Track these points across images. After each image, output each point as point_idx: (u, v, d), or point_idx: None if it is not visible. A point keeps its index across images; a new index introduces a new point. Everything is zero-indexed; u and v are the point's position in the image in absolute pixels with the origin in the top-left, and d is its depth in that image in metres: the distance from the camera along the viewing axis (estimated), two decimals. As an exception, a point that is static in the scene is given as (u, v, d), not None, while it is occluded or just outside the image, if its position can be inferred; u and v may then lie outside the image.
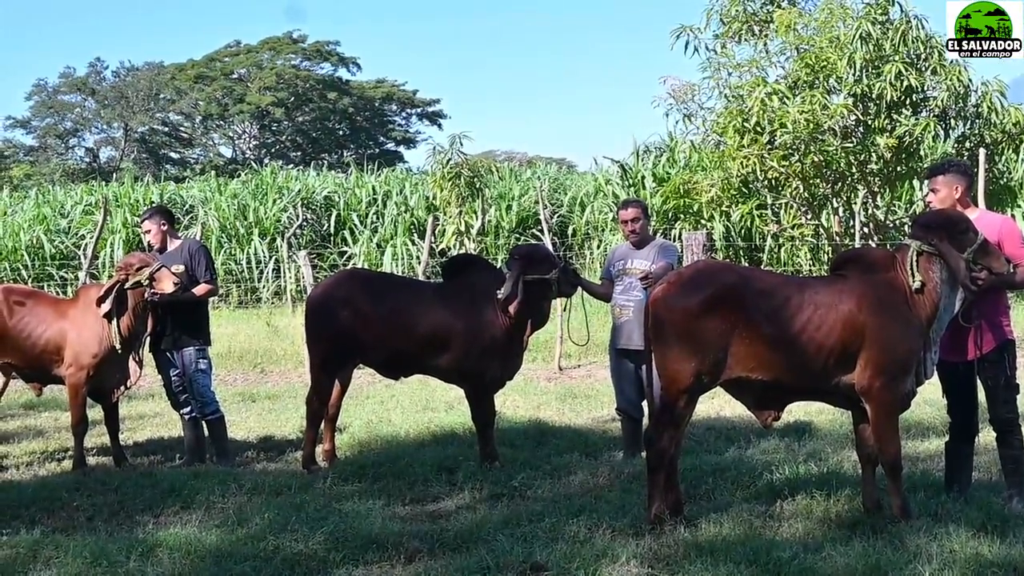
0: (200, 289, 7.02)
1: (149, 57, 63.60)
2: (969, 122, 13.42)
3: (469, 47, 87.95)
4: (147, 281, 6.57)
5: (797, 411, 7.51)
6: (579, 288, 6.85)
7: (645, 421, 6.16)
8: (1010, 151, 13.87)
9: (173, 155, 47.51)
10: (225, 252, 19.95)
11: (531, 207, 19.92)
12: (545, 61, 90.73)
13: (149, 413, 9.10)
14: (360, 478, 6.25)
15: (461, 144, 15.72)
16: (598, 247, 18.59)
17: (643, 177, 19.65)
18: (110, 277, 6.82)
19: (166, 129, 47.95)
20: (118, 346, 6.65)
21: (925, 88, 12.99)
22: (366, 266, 19.11)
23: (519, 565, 4.39)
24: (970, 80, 12.96)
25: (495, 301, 6.36)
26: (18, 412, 9.26)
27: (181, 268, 6.81)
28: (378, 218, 21.07)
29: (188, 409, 7.11)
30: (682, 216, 16.28)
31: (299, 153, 44.83)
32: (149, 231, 7.29)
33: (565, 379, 11.09)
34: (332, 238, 20.80)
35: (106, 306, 6.56)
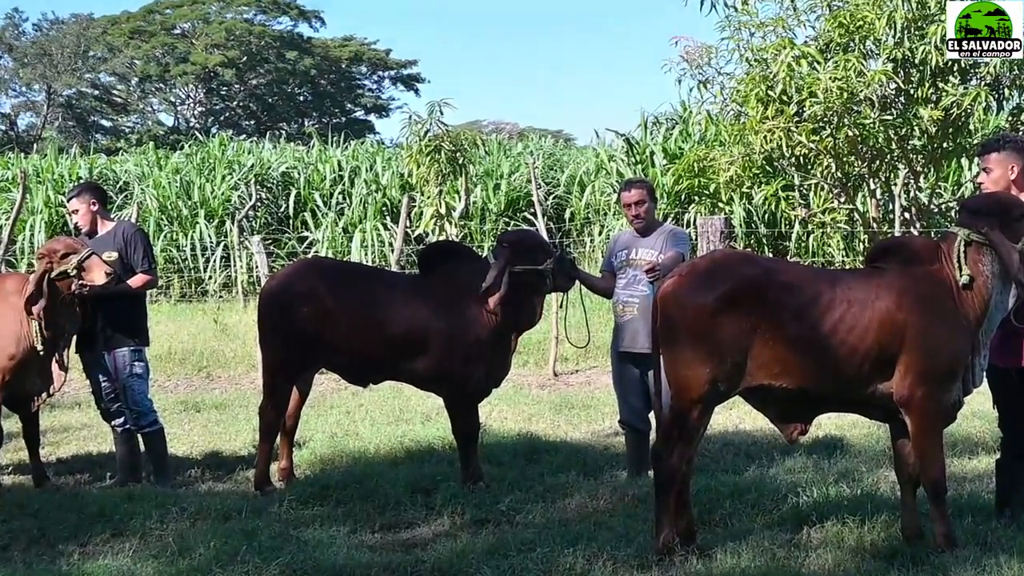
0: (136, 280, 6.96)
1: (76, 8, 63.44)
2: (1025, 92, 13.49)
3: (454, 5, 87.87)
4: (75, 271, 6.50)
5: (827, 424, 7.56)
6: (576, 282, 6.86)
7: (652, 435, 6.16)
8: (1072, 126, 13.94)
9: (104, 123, 47.39)
10: (166, 237, 19.86)
11: (523, 187, 19.90)
12: (540, 19, 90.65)
13: (75, 424, 9.05)
14: (322, 501, 6.23)
15: (441, 113, 15.72)
16: (599, 234, 18.57)
17: (652, 153, 19.67)
18: (31, 266, 6.77)
19: (96, 92, 47.75)
20: (39, 346, 6.59)
21: (975, 53, 13.05)
22: (330, 254, 19.06)
23: (506, 601, 4.41)
24: (1027, 44, 13.06)
25: (479, 296, 6.38)
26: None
27: (114, 256, 6.74)
28: (345, 198, 21.02)
29: (121, 420, 7.04)
30: (697, 198, 16.34)
31: (253, 122, 44.76)
32: (76, 211, 7.20)
33: (561, 386, 11.09)
34: (291, 221, 20.72)
35: (40, 303, 6.48)
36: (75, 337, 6.89)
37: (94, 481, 7.16)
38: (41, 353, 6.63)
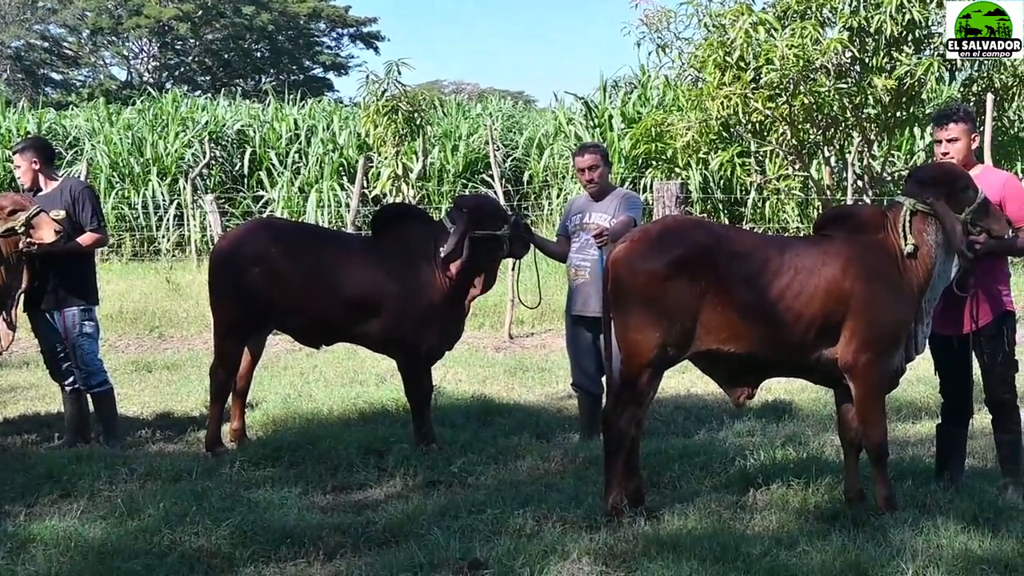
0: (86, 238, 6.90)
1: (26, -41, 62.00)
2: (977, 63, 13.62)
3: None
4: (22, 228, 6.45)
5: (775, 389, 7.66)
6: (532, 247, 6.88)
7: (604, 399, 6.21)
8: (1022, 98, 14.10)
9: (54, 76, 46.45)
10: (117, 194, 19.67)
11: (481, 148, 19.86)
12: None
13: (23, 384, 9.00)
14: (274, 462, 6.22)
15: (400, 73, 15.63)
16: (557, 197, 18.57)
17: (610, 116, 19.67)
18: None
19: (45, 44, 46.79)
20: None
21: (930, 23, 13.17)
22: (285, 214, 18.95)
23: (456, 562, 4.42)
24: (982, 15, 13.18)
25: (434, 259, 6.38)
26: None
27: (62, 214, 6.66)
28: (301, 158, 20.85)
29: (70, 380, 7.00)
30: (654, 163, 16.40)
31: (208, 78, 44.14)
32: (19, 167, 7.14)
33: (516, 349, 11.14)
34: (246, 180, 20.60)
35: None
36: (23, 296, 6.80)
37: (42, 441, 7.10)
38: (-12, 312, 6.58)
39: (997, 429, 5.44)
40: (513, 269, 7.50)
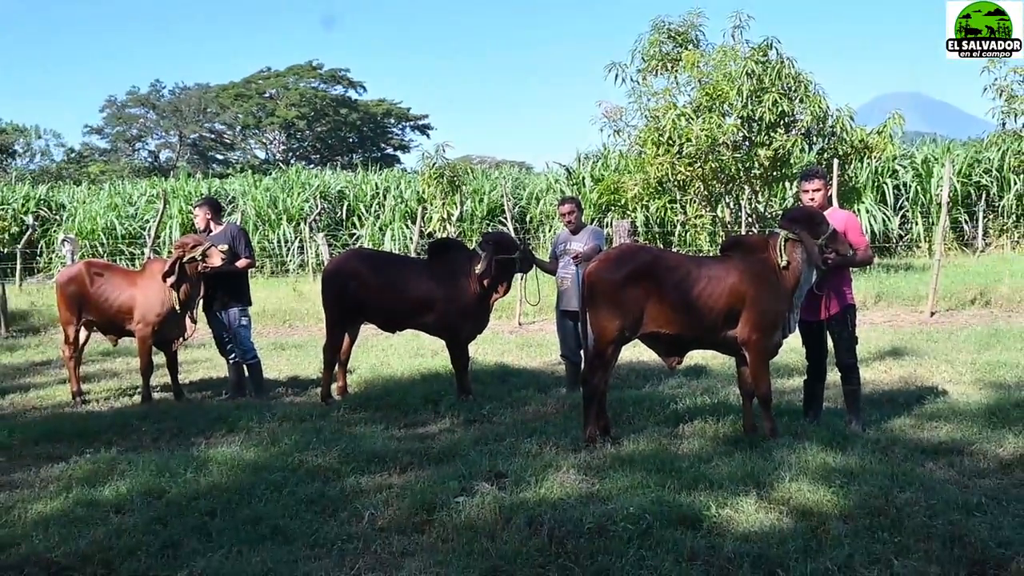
0: (241, 263, 6.95)
1: (199, 79, 62.47)
2: (827, 139, 13.66)
3: (453, 77, 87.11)
4: (200, 257, 6.52)
5: (695, 357, 7.64)
6: (534, 266, 6.83)
7: (583, 365, 6.20)
8: (856, 161, 14.21)
9: (218, 156, 46.68)
10: (260, 234, 19.78)
11: (498, 200, 19.89)
12: (511, 88, 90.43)
13: (201, 359, 9.06)
14: (365, 408, 6.24)
15: (444, 151, 15.71)
16: (549, 231, 18.62)
17: (583, 178, 19.69)
18: (170, 254, 6.72)
19: (212, 136, 47.10)
20: (177, 307, 6.60)
21: (795, 112, 13.23)
22: (370, 245, 19.03)
23: (486, 473, 4.43)
24: (828, 107, 13.29)
25: (470, 274, 6.36)
26: (98, 359, 9.16)
27: (226, 247, 6.71)
28: (379, 207, 20.91)
29: (232, 356, 7.05)
30: (612, 208, 16.40)
31: (318, 156, 44.29)
32: (198, 217, 7.18)
33: (523, 332, 11.11)
34: (343, 223, 20.66)
35: (171, 278, 6.50)
36: (201, 301, 6.85)
37: (214, 396, 7.16)
38: (178, 311, 6.63)
39: (844, 383, 5.40)
40: (522, 280, 7.43)
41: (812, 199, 5.32)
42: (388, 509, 3.95)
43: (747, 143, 13.51)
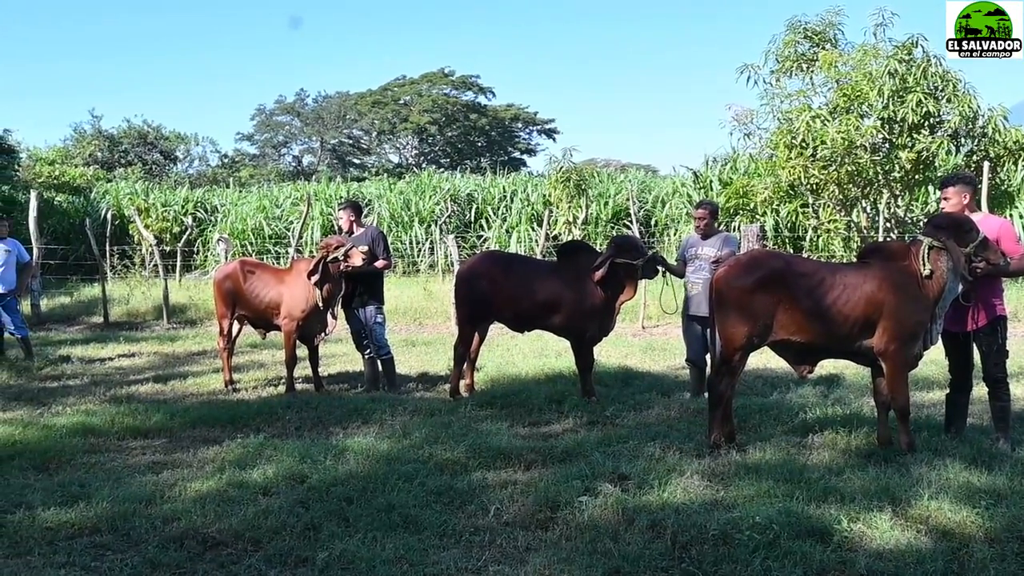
0: (380, 264, 7.12)
1: (339, 88, 65.17)
2: (976, 140, 12.80)
3: (580, 80, 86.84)
4: (342, 257, 6.73)
5: (827, 366, 7.34)
6: (660, 271, 6.71)
7: (708, 370, 6.09)
8: (1010, 164, 13.23)
9: (356, 161, 48.50)
10: (393, 235, 20.30)
11: (623, 203, 19.67)
12: (640, 90, 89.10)
13: (340, 353, 9.27)
14: (492, 406, 6.29)
15: (571, 155, 15.78)
16: (674, 235, 18.27)
17: (711, 181, 19.20)
18: (313, 254, 7.00)
19: (351, 141, 48.96)
20: (320, 304, 6.84)
21: (941, 113, 12.45)
22: (498, 247, 19.29)
23: (609, 475, 4.42)
24: (979, 106, 12.43)
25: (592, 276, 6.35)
26: (247, 350, 9.56)
27: (366, 248, 6.88)
28: (507, 210, 21.07)
29: (368, 351, 7.22)
30: (741, 212, 15.93)
31: (448, 160, 45.22)
32: (341, 219, 7.40)
33: (647, 335, 11.03)
34: (472, 225, 20.98)
35: (315, 277, 6.76)
36: (342, 299, 7.05)
37: (351, 389, 7.32)
38: (321, 308, 6.88)
39: (992, 398, 5.09)
40: (662, 284, 7.13)
41: (946, 207, 5.09)
42: (513, 505, 4.00)
43: (887, 145, 12.83)
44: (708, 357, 5.88)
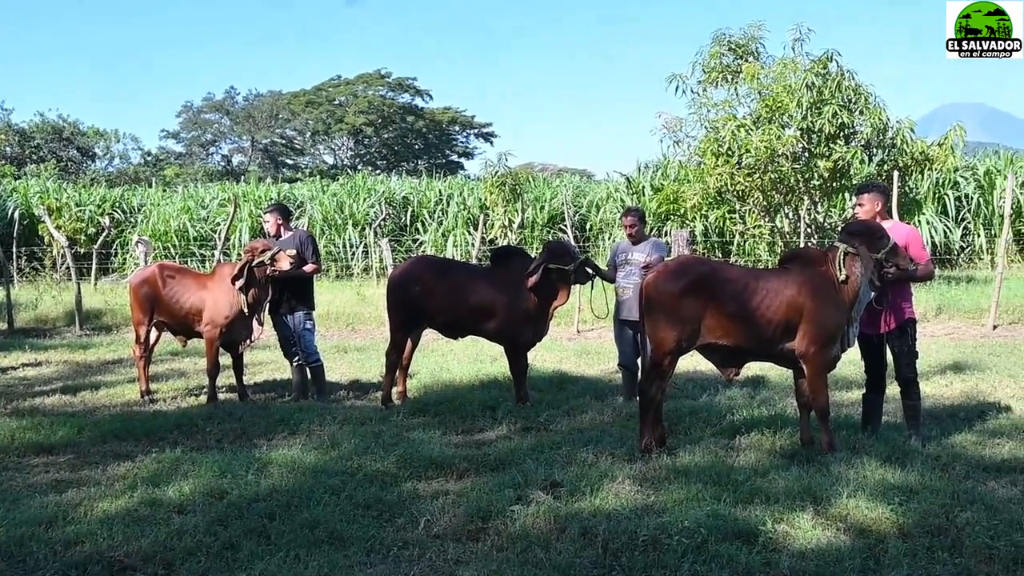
0: (308, 268, 6.98)
1: (271, 86, 64.10)
2: (887, 150, 13.41)
3: (516, 85, 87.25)
4: (268, 260, 6.55)
5: (753, 368, 7.49)
6: (594, 276, 6.70)
7: (639, 374, 6.13)
8: (917, 173, 13.99)
9: (288, 161, 47.69)
10: (326, 238, 20.01)
11: (559, 208, 19.78)
12: (573, 96, 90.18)
13: (267, 361, 9.07)
14: (425, 413, 6.21)
15: (507, 159, 15.82)
16: (608, 239, 18.49)
17: (643, 187, 19.50)
18: (239, 258, 6.79)
19: (283, 142, 48.09)
20: (245, 310, 6.65)
21: (854, 124, 13.06)
22: (433, 252, 19.17)
23: (542, 482, 4.39)
24: (888, 118, 13.10)
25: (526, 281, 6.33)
26: (167, 358, 9.24)
27: (294, 252, 6.70)
28: (443, 214, 20.96)
29: (296, 358, 7.06)
30: (672, 217, 16.24)
31: (384, 162, 44.88)
32: (268, 222, 7.23)
33: (581, 340, 11.06)
34: (408, 228, 20.81)
35: (240, 282, 6.57)
36: (268, 304, 6.89)
37: (278, 398, 7.16)
38: (246, 314, 6.67)
39: (904, 397, 5.26)
40: (592, 289, 7.17)
41: (857, 213, 5.28)
42: (444, 516, 3.94)
43: (806, 154, 13.26)
44: (640, 361, 5.92)
